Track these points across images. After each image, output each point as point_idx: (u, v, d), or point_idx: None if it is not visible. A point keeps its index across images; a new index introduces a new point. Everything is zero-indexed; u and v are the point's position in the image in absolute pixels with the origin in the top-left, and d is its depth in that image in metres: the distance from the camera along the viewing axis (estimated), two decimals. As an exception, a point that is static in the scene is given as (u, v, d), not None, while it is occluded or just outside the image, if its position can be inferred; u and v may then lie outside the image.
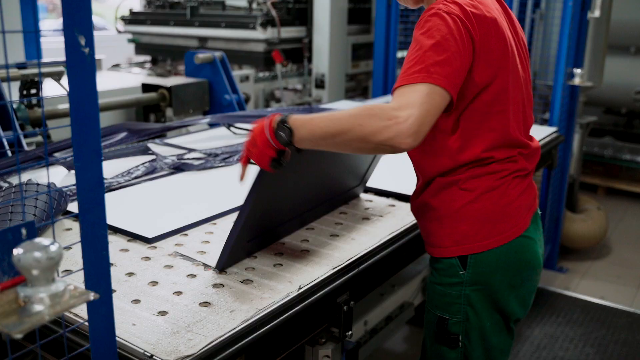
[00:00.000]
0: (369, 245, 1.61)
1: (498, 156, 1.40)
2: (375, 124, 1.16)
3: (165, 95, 3.24)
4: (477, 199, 1.40)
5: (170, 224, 1.66)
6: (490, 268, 1.42)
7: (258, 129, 1.32)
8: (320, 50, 4.84)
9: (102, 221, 0.91)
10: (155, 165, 2.14)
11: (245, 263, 1.48)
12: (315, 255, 1.53)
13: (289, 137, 1.26)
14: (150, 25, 5.27)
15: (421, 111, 1.17)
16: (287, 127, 1.26)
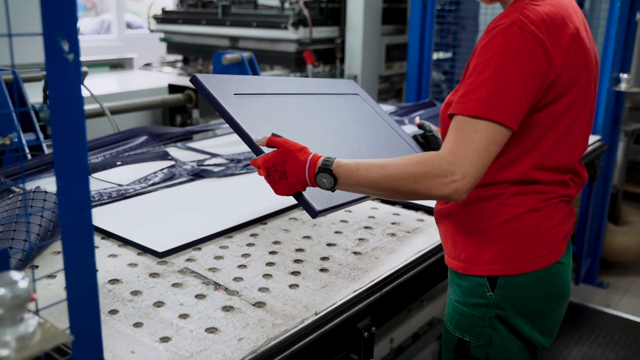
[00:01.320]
0: (394, 265, 1.49)
1: (547, 178, 1.28)
2: (430, 182, 1.12)
3: (192, 97, 3.17)
4: (519, 218, 1.28)
5: (183, 236, 1.57)
6: (521, 293, 1.30)
7: (294, 164, 1.23)
8: (353, 51, 4.72)
9: (88, 248, 0.81)
10: (173, 172, 2.05)
11: (260, 283, 1.37)
12: (335, 276, 1.42)
13: (332, 185, 1.21)
14: (182, 25, 5.22)
15: (478, 166, 1.12)
16: (332, 175, 1.20)
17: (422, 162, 1.14)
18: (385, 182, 1.17)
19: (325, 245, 1.60)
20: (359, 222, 1.77)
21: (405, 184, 1.15)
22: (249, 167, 2.17)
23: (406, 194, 1.17)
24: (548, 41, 1.17)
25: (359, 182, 1.19)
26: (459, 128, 1.15)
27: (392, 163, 1.18)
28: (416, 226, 1.76)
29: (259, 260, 1.50)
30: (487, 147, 1.13)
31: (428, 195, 1.15)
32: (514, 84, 1.14)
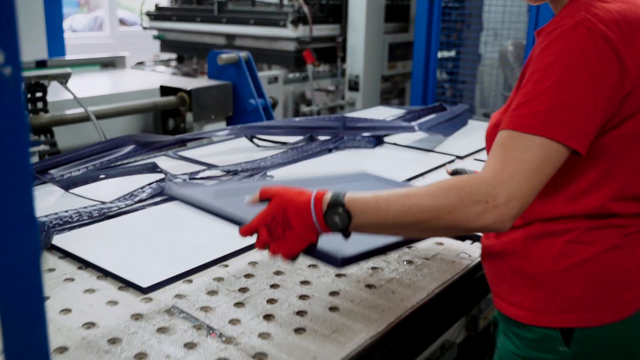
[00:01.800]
0: (413, 302, 1.29)
1: (627, 210, 1.08)
2: (468, 211, 0.93)
3: (185, 99, 2.96)
4: (597, 258, 1.07)
5: (171, 266, 1.37)
6: (603, 348, 1.09)
7: (295, 207, 1.02)
8: (354, 49, 4.52)
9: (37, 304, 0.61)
10: (163, 186, 1.85)
11: (260, 327, 1.17)
12: (347, 316, 1.22)
13: (346, 223, 0.99)
14: (176, 22, 5.02)
15: (527, 189, 0.94)
16: (345, 213, 0.99)
17: (456, 187, 0.95)
18: (412, 216, 0.96)
19: (334, 276, 1.41)
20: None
21: (437, 216, 0.95)
22: (246, 181, 1.97)
23: (439, 228, 0.98)
24: (621, 44, 0.97)
25: (380, 218, 0.98)
26: (506, 144, 0.97)
27: (419, 192, 0.98)
28: (435, 251, 1.56)
29: (259, 295, 1.30)
30: (540, 167, 0.94)
31: (466, 227, 0.95)
32: (581, 97, 0.95)
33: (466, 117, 2.93)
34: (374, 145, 2.49)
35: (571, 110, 0.95)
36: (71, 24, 8.67)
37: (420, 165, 2.25)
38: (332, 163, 2.28)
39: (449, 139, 2.64)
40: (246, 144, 2.48)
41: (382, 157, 2.39)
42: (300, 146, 2.38)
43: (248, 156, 2.32)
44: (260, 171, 2.08)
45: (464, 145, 2.56)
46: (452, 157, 2.38)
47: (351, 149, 2.45)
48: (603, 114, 0.98)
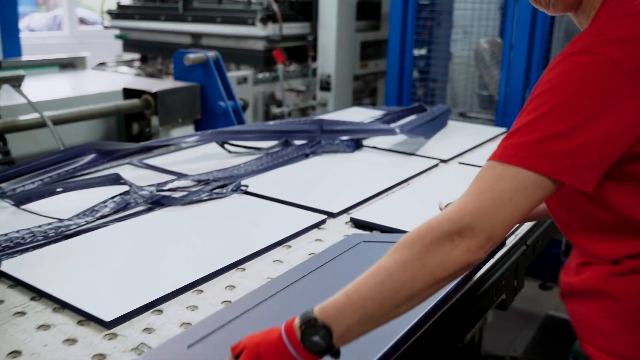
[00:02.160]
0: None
1: None
2: (437, 255, 0.85)
3: (150, 102, 2.78)
4: None
5: (138, 295, 1.21)
6: None
7: (268, 346, 0.86)
8: (326, 48, 4.39)
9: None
10: (127, 200, 1.69)
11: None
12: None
13: (328, 338, 0.84)
14: (139, 20, 4.81)
15: (495, 221, 0.86)
16: (321, 327, 0.85)
17: (419, 235, 0.88)
18: (388, 289, 0.85)
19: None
20: (359, 263, 1.44)
21: (411, 276, 0.85)
22: (219, 192, 1.81)
23: (421, 289, 0.86)
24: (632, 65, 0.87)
25: (359, 311, 0.85)
26: (479, 176, 0.92)
27: (385, 261, 0.89)
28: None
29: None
30: (513, 199, 0.87)
31: (445, 274, 0.86)
32: (580, 125, 0.86)
33: (446, 117, 2.83)
34: (353, 150, 2.36)
35: (567, 141, 0.85)
36: (29, 24, 8.33)
37: (402, 170, 2.13)
38: (310, 169, 2.14)
39: (430, 141, 2.53)
40: (217, 150, 2.32)
41: (362, 161, 2.26)
42: (275, 152, 2.23)
43: (219, 163, 2.16)
44: (233, 180, 1.92)
45: (447, 147, 2.44)
46: (435, 161, 2.26)
47: (329, 154, 2.31)
48: (604, 144, 0.88)
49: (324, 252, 1.46)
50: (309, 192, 1.87)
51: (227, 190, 1.82)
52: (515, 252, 1.58)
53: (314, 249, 1.51)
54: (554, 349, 2.92)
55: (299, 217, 1.67)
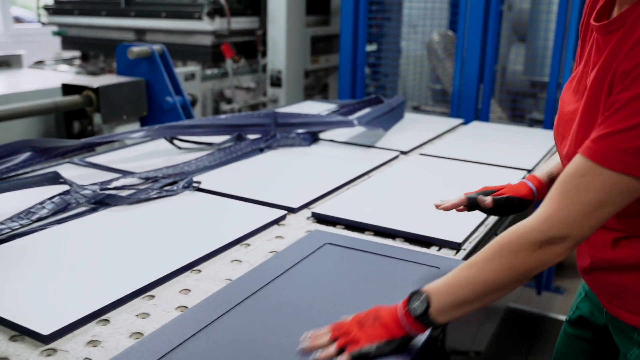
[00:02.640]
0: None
1: None
2: (524, 261, 0.93)
3: (92, 98, 2.61)
4: None
5: (81, 304, 1.07)
6: None
7: (385, 309, 1.01)
8: (275, 43, 4.27)
9: None
10: (68, 200, 1.54)
11: (202, 379, 0.91)
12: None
13: (424, 305, 0.97)
14: (79, 16, 4.58)
15: (582, 229, 0.91)
16: (422, 297, 0.98)
17: (507, 243, 0.95)
18: (478, 283, 0.96)
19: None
20: (324, 260, 1.34)
21: (500, 276, 0.95)
22: (169, 189, 1.68)
23: (506, 286, 0.96)
24: None
25: (452, 296, 0.97)
26: (566, 180, 0.92)
27: (476, 258, 0.99)
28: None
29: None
30: (600, 207, 0.90)
31: (533, 273, 0.96)
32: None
33: (402, 109, 2.76)
34: (310, 143, 2.26)
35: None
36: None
37: (362, 162, 2.04)
38: (266, 164, 2.03)
39: (389, 133, 2.45)
40: (166, 147, 2.18)
41: (320, 155, 2.16)
42: (228, 147, 2.11)
43: (168, 160, 2.03)
44: (184, 177, 1.80)
45: (406, 139, 2.37)
46: (395, 153, 2.19)
47: (285, 148, 2.21)
48: None
49: (287, 251, 1.35)
50: (266, 188, 1.76)
51: (177, 187, 1.69)
52: (486, 243, 1.51)
53: (275, 247, 1.40)
54: (516, 340, 2.90)
55: (257, 213, 1.56)
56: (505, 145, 2.37)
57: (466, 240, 1.44)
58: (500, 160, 2.10)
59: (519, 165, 2.04)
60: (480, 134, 2.60)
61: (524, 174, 1.97)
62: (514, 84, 4.10)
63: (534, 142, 2.42)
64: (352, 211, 1.57)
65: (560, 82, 3.11)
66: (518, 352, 2.77)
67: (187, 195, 1.68)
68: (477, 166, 2.05)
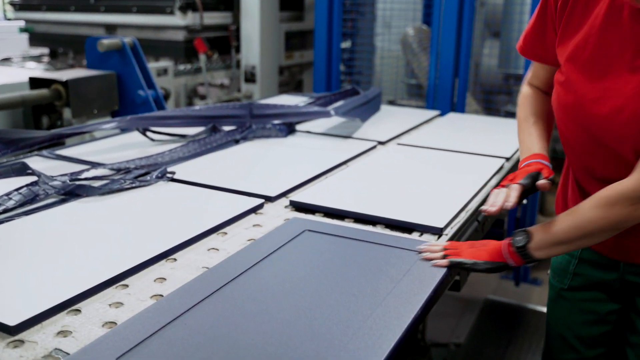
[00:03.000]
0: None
1: None
2: (619, 213, 1.10)
3: (61, 92, 2.54)
4: None
5: (51, 294, 1.02)
6: None
7: (493, 241, 1.25)
8: (249, 38, 4.22)
9: None
10: (36, 191, 1.48)
11: (179, 367, 0.86)
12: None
13: (525, 241, 1.17)
14: (47, 12, 4.48)
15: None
16: (525, 232, 1.19)
17: (604, 197, 1.11)
18: (574, 228, 1.13)
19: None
20: (304, 247, 1.30)
21: (595, 224, 1.12)
22: (143, 179, 1.63)
23: (603, 232, 1.13)
24: None
25: (551, 236, 1.15)
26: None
27: (576, 207, 1.16)
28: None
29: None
30: None
31: (624, 226, 1.13)
32: None
33: (379, 101, 2.74)
34: (286, 134, 2.22)
35: None
36: None
37: (340, 152, 2.01)
38: (241, 154, 1.98)
39: (366, 124, 2.43)
40: (138, 139, 2.13)
41: (296, 145, 2.12)
42: (202, 138, 2.06)
43: (141, 152, 1.97)
44: (158, 167, 1.74)
45: (383, 130, 2.35)
46: (373, 143, 2.16)
47: (261, 139, 2.17)
48: None
49: (266, 238, 1.31)
50: (242, 178, 1.72)
51: (151, 178, 1.63)
52: (468, 228, 1.49)
53: (253, 235, 1.36)
54: (496, 331, 2.89)
55: (234, 202, 1.52)
56: (482, 135, 2.36)
57: (448, 225, 1.42)
58: (479, 149, 2.08)
59: (497, 154, 2.03)
60: (457, 124, 2.59)
61: (502, 162, 1.96)
62: (488, 79, 4.11)
63: (510, 132, 2.41)
64: (331, 199, 1.54)
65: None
66: (498, 343, 2.77)
67: (160, 185, 1.63)
68: (456, 155, 2.03)
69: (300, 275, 1.15)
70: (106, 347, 0.88)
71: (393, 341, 0.92)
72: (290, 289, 1.09)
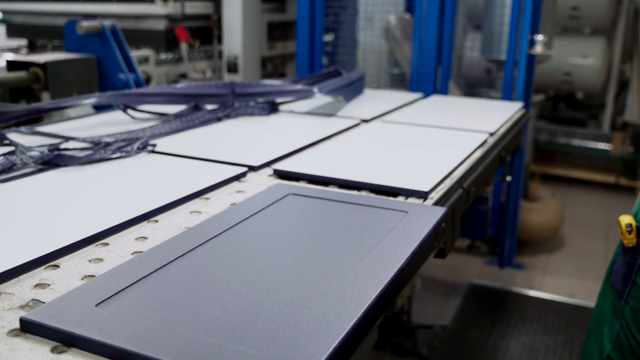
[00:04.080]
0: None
1: None
2: None
3: (39, 75, 2.49)
4: None
5: (28, 250, 0.99)
6: None
7: None
8: (231, 28, 4.20)
9: None
10: (14, 160, 1.44)
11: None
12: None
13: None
14: (24, 2, 4.41)
15: None
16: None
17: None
18: None
19: (252, 244, 1.10)
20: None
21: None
22: (125, 150, 1.60)
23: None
24: None
25: None
26: None
27: None
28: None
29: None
30: None
31: None
32: None
33: (362, 83, 2.73)
34: (269, 113, 2.20)
35: None
36: None
37: (323, 128, 1.99)
38: (224, 130, 1.96)
39: (349, 105, 2.41)
40: (119, 117, 2.09)
41: (279, 123, 2.10)
42: (184, 115, 2.03)
43: (122, 129, 1.94)
44: (139, 142, 1.71)
45: (367, 110, 2.34)
46: (357, 120, 2.15)
47: (243, 117, 2.14)
48: None
49: (249, 201, 1.29)
50: (224, 149, 1.70)
51: (132, 149, 1.61)
52: (452, 194, 1.48)
53: (236, 200, 1.34)
54: (480, 313, 2.89)
55: (217, 170, 1.50)
56: (466, 114, 2.36)
57: (432, 190, 1.41)
58: (462, 126, 2.08)
59: (481, 129, 2.03)
60: (441, 105, 2.59)
61: (485, 136, 1.95)
62: (471, 70, 4.13)
63: (494, 111, 2.42)
64: (315, 167, 1.52)
65: (516, 59, 3.13)
66: (483, 325, 2.77)
67: (142, 157, 1.61)
68: (440, 130, 2.03)
69: (285, 232, 1.13)
70: (85, 295, 0.85)
71: (379, 287, 0.90)
72: (275, 244, 1.07)
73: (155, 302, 0.84)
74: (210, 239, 1.07)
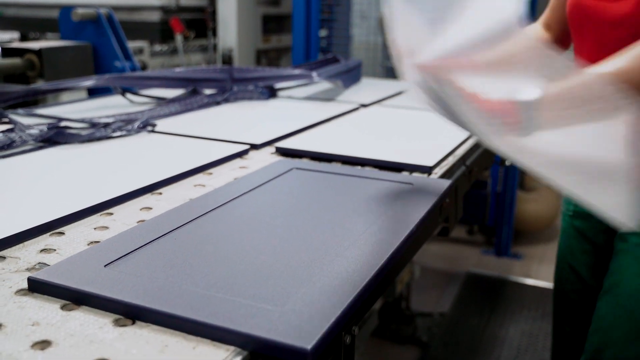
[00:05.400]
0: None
1: None
2: None
3: (34, 62, 2.47)
4: None
5: (33, 217, 0.98)
6: None
7: None
8: (226, 21, 4.18)
9: None
10: (13, 138, 1.43)
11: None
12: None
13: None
14: (17, -6, 4.38)
15: None
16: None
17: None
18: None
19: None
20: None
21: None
22: (125, 129, 1.58)
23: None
24: None
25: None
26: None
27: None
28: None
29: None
30: None
31: None
32: None
33: (359, 71, 2.72)
34: (268, 97, 2.19)
35: None
36: None
37: (324, 112, 1.98)
38: (224, 112, 1.95)
39: (347, 91, 2.41)
40: (117, 101, 2.08)
41: (278, 107, 2.09)
42: (183, 99, 2.02)
43: (120, 112, 1.92)
44: (139, 122, 1.70)
45: (365, 96, 2.33)
46: (356, 105, 2.14)
47: (242, 101, 2.13)
48: None
49: (253, 174, 1.28)
50: (226, 130, 1.69)
51: (132, 128, 1.59)
52: (456, 171, 1.48)
53: (239, 175, 1.33)
54: (478, 302, 2.89)
55: (219, 148, 1.48)
56: (465, 99, 2.35)
57: (437, 165, 1.40)
58: (462, 108, 2.07)
59: (481, 112, 2.02)
60: (439, 92, 2.58)
61: (486, 119, 1.95)
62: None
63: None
64: (318, 144, 1.51)
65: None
66: (480, 312, 2.77)
67: (143, 135, 1.59)
68: (440, 113, 2.02)
69: (291, 202, 1.13)
70: (94, 257, 0.84)
71: (390, 250, 0.90)
72: (282, 212, 1.06)
73: (165, 263, 0.83)
74: (216, 208, 1.06)
